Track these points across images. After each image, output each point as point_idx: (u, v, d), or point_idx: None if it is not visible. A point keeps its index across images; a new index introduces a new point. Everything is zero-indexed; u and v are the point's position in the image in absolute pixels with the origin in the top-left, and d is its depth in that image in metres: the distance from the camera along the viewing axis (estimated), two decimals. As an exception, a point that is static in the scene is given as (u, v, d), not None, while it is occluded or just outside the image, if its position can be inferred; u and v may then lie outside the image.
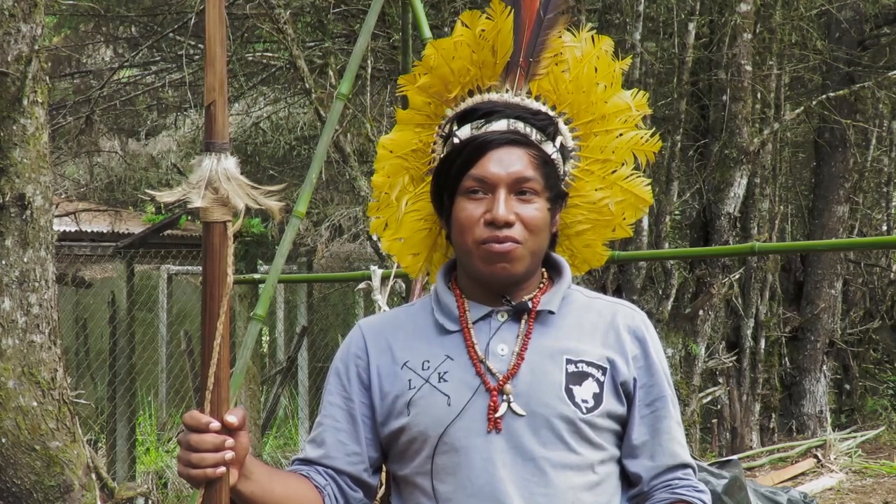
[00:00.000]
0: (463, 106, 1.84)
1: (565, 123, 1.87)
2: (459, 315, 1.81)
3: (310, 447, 1.84)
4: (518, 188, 1.76)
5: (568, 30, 1.88)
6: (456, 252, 1.84)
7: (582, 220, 1.93)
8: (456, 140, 1.80)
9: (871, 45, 10.60)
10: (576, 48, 1.86)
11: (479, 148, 1.76)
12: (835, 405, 10.91)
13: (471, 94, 1.85)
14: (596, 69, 1.87)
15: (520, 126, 1.79)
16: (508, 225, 1.74)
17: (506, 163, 1.76)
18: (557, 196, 1.82)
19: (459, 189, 1.77)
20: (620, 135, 1.90)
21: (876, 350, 11.50)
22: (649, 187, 1.93)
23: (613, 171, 1.91)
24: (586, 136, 1.89)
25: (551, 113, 1.85)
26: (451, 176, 1.78)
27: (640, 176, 1.92)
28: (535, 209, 1.77)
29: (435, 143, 1.89)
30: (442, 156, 1.83)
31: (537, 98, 1.85)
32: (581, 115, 1.88)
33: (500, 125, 1.78)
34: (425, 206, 1.93)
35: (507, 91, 1.83)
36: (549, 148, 1.81)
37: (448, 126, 1.85)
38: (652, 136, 1.91)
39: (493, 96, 1.83)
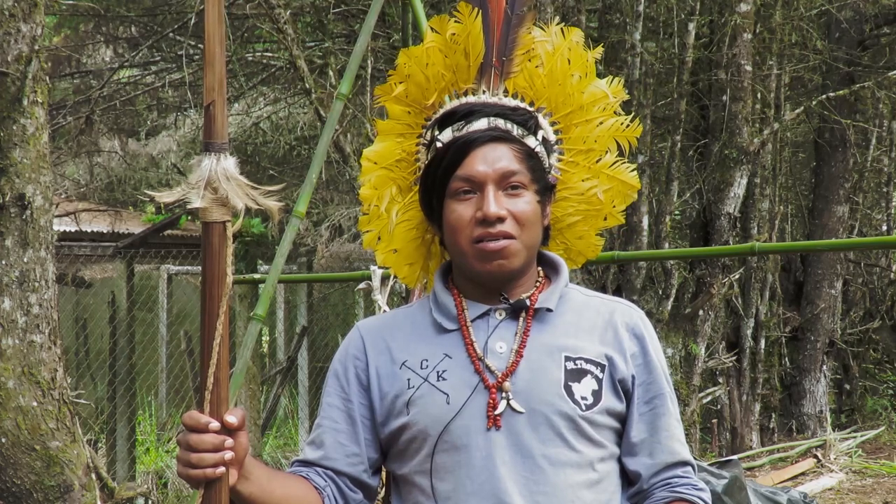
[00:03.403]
0: (441, 111, 1.85)
1: (545, 117, 1.87)
2: (457, 314, 1.81)
3: (309, 449, 1.84)
4: (506, 183, 1.76)
5: (537, 25, 1.88)
6: (450, 254, 1.84)
7: (572, 211, 1.93)
8: (438, 144, 1.81)
9: (871, 45, 10.60)
10: (547, 42, 1.87)
11: (462, 148, 1.77)
12: (835, 405, 10.91)
13: (448, 99, 1.86)
14: (569, 61, 1.87)
15: (500, 123, 1.80)
16: (500, 220, 1.74)
17: (490, 159, 1.76)
18: (545, 188, 1.83)
19: (447, 192, 1.78)
20: (600, 123, 1.90)
21: (876, 350, 11.50)
22: (635, 172, 1.93)
23: (598, 160, 1.91)
24: (567, 127, 1.89)
25: (529, 108, 1.85)
26: (438, 179, 1.79)
27: (624, 162, 1.92)
28: (525, 202, 1.77)
29: (418, 152, 1.90)
30: (426, 162, 1.84)
31: (514, 96, 1.85)
32: (560, 108, 1.88)
33: (481, 124, 1.79)
34: (416, 216, 1.93)
35: (483, 92, 1.84)
36: (532, 141, 1.82)
37: (429, 133, 1.85)
38: (632, 121, 1.91)
39: (471, 99, 1.83)
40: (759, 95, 9.16)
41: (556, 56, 1.86)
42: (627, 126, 1.90)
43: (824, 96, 9.41)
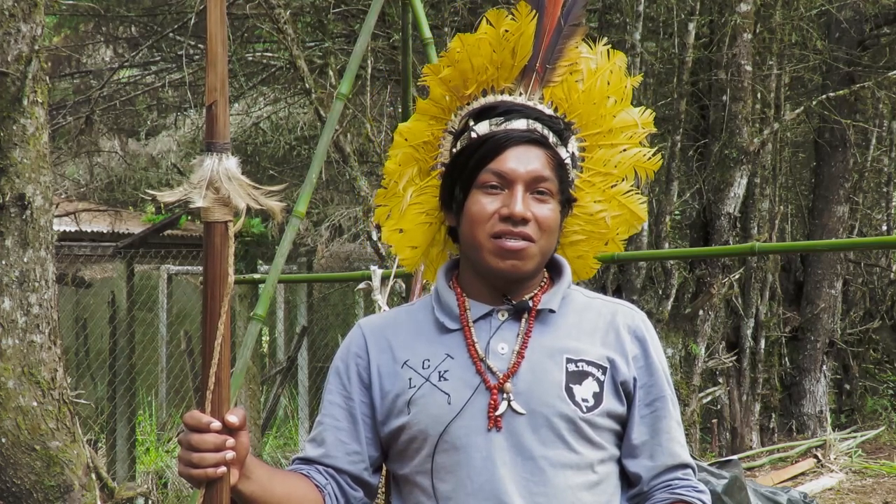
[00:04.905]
0: (476, 104, 1.85)
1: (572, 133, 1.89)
2: (460, 314, 1.82)
3: (310, 446, 1.84)
4: (535, 187, 1.78)
5: (584, 41, 1.90)
6: (463, 246, 1.84)
7: (578, 230, 1.95)
8: (473, 135, 1.81)
9: (871, 45, 10.60)
10: (591, 60, 1.89)
11: (499, 143, 1.78)
12: (835, 405, 10.91)
13: (484, 93, 1.86)
14: (608, 83, 1.89)
15: (538, 127, 1.81)
16: (524, 221, 1.76)
17: (525, 160, 1.77)
18: (567, 201, 1.84)
19: (475, 182, 1.79)
20: (624, 150, 1.92)
21: (876, 350, 11.50)
22: (645, 205, 1.96)
23: (613, 186, 1.93)
24: (591, 147, 1.91)
25: (564, 120, 1.87)
26: (469, 169, 1.79)
27: (638, 193, 1.94)
28: (550, 209, 1.78)
29: (443, 139, 1.91)
30: (456, 150, 1.85)
31: (549, 105, 1.86)
32: (589, 127, 1.90)
33: (520, 124, 1.80)
34: (428, 201, 1.94)
35: (520, 94, 1.85)
36: (563, 152, 1.83)
37: (463, 122, 1.86)
38: (654, 154, 1.93)
39: (507, 98, 1.84)
40: (759, 95, 9.16)
41: (598, 75, 1.88)
42: (649, 159, 1.92)
43: (824, 96, 9.41)
